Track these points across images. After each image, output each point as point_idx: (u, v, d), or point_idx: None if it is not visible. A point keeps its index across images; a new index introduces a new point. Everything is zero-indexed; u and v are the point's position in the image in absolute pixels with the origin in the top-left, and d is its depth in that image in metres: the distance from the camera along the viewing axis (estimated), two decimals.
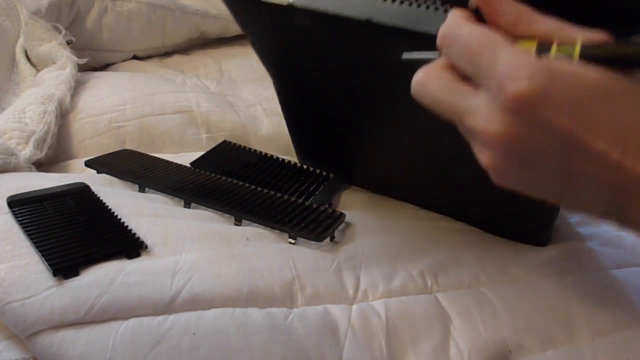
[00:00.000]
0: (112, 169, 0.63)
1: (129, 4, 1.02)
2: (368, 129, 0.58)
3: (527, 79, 0.30)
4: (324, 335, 0.44)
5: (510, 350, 0.46)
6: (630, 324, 0.50)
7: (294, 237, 0.52)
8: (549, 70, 0.30)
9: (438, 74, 0.36)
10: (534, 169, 0.33)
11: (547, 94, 0.30)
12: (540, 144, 0.31)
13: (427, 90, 0.36)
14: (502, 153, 0.33)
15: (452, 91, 0.35)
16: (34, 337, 0.39)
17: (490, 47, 0.32)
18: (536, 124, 0.31)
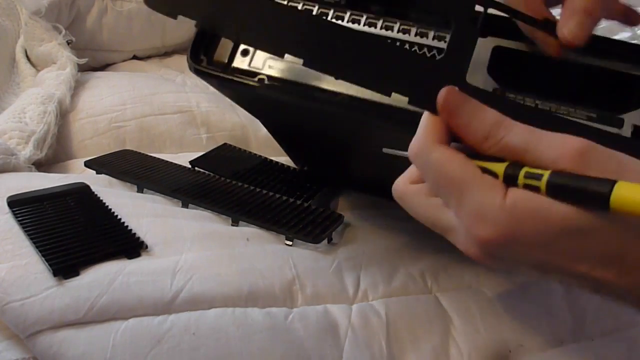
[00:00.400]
0: (111, 169, 0.63)
1: (129, 4, 1.02)
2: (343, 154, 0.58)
3: (492, 226, 0.31)
4: (324, 335, 0.44)
5: (510, 350, 0.46)
6: (632, 323, 0.50)
7: (290, 239, 0.52)
8: (512, 215, 0.30)
9: (415, 190, 0.36)
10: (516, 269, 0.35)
11: (514, 238, 0.31)
12: (519, 265, 0.33)
13: (407, 204, 0.37)
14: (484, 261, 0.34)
15: (430, 208, 0.35)
16: (34, 337, 0.39)
17: (455, 186, 0.33)
18: (509, 258, 0.32)
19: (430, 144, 0.34)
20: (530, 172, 0.31)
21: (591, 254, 0.30)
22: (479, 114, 0.33)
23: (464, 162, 0.33)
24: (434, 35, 0.43)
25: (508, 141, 0.32)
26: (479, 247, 0.32)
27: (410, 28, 0.43)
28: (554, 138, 0.31)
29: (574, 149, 0.30)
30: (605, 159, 0.30)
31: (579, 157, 0.30)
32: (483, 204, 0.31)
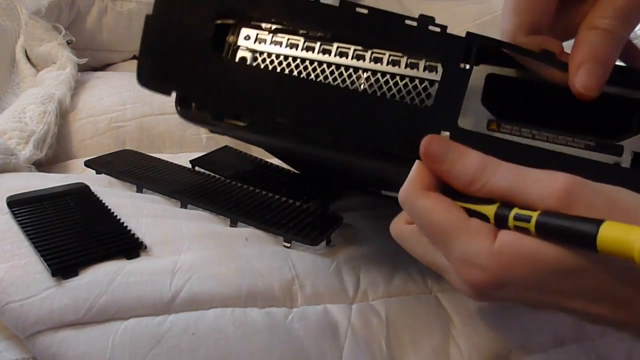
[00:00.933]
0: (111, 169, 0.63)
1: (129, 4, 1.02)
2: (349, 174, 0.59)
3: (481, 271, 0.31)
4: (323, 335, 0.44)
5: (510, 350, 0.46)
6: None
7: (288, 241, 0.51)
8: (501, 261, 0.31)
9: (410, 230, 0.38)
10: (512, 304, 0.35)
11: (504, 283, 0.31)
12: (516, 303, 0.34)
13: (404, 244, 0.39)
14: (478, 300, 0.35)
15: (424, 249, 0.37)
16: (34, 338, 0.39)
17: (442, 234, 0.33)
18: (502, 297, 0.33)
19: (417, 191, 0.35)
20: (519, 214, 0.31)
21: (583, 292, 0.31)
22: (462, 159, 0.34)
23: (449, 209, 0.34)
24: (425, 66, 0.41)
25: (493, 184, 0.33)
26: (470, 289, 0.33)
27: (400, 59, 0.42)
28: (540, 176, 0.31)
29: (560, 188, 0.30)
30: (592, 196, 0.30)
31: (565, 196, 0.30)
32: (470, 250, 0.32)
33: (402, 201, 0.36)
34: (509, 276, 0.31)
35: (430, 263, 0.37)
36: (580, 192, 0.30)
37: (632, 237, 0.26)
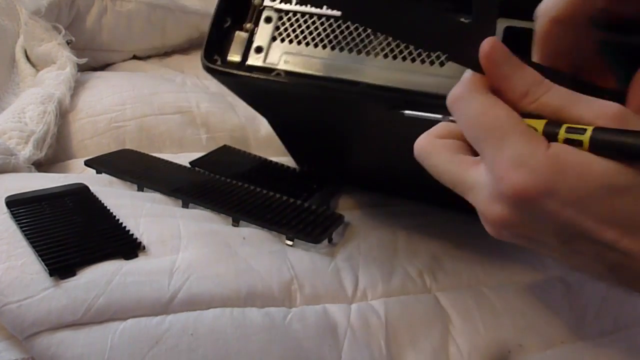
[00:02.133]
0: (111, 168, 0.63)
1: (129, 4, 1.02)
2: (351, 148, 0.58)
3: (531, 173, 0.29)
4: (323, 335, 0.44)
5: (509, 349, 0.46)
6: (631, 323, 0.50)
7: (291, 239, 0.52)
8: (553, 165, 0.29)
9: (442, 145, 0.35)
10: (534, 244, 0.33)
11: (550, 190, 0.29)
12: (543, 229, 0.31)
13: (430, 160, 0.35)
14: (503, 231, 0.33)
15: (455, 164, 0.34)
16: (32, 339, 0.39)
17: (497, 131, 0.31)
18: (538, 215, 0.30)
19: (474, 90, 0.33)
20: (572, 127, 0.30)
21: (624, 217, 0.29)
22: (520, 70, 0.33)
23: (509, 109, 0.32)
24: None
25: (547, 99, 0.32)
26: (506, 204, 0.31)
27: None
28: (592, 100, 0.30)
29: (612, 112, 0.29)
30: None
31: (617, 119, 0.29)
32: (524, 151, 0.30)
33: (457, 97, 0.34)
34: (557, 185, 0.29)
35: (456, 180, 0.34)
36: (631, 119, 0.29)
37: None
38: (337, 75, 0.44)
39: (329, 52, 0.45)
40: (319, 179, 0.66)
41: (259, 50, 0.46)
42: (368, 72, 0.43)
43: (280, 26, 0.46)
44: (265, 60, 0.46)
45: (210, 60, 0.47)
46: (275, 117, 0.60)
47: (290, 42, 0.46)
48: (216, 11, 0.48)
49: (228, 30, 0.47)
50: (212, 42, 0.47)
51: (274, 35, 0.46)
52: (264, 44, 0.46)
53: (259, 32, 0.47)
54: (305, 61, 0.45)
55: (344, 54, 0.44)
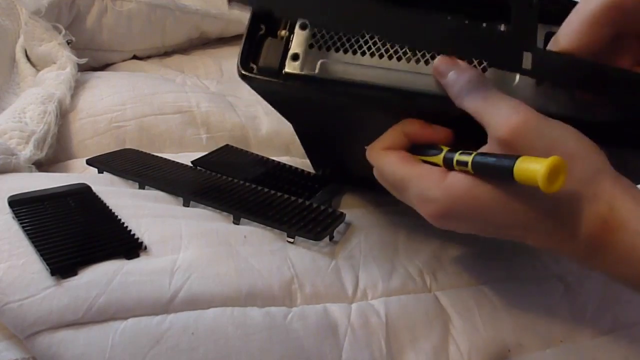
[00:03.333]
0: (113, 167, 0.63)
1: (129, 4, 1.02)
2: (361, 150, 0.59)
3: (435, 203, 0.39)
4: (323, 335, 0.44)
5: (509, 348, 0.46)
6: (630, 323, 0.50)
7: (292, 237, 0.52)
8: (448, 195, 0.38)
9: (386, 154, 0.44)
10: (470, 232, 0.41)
11: (455, 211, 0.38)
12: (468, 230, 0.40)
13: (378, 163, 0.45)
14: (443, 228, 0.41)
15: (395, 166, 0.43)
16: (33, 338, 0.39)
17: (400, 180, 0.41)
18: (458, 227, 0.40)
19: (378, 150, 0.44)
20: (459, 159, 0.38)
21: (516, 223, 0.37)
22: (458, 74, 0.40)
23: (404, 161, 0.42)
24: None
25: (469, 100, 0.39)
26: (432, 221, 0.40)
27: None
28: (504, 106, 0.37)
29: (512, 124, 0.36)
30: (537, 138, 0.36)
31: (513, 132, 0.36)
32: (423, 188, 0.39)
33: (368, 157, 0.45)
34: (458, 207, 0.38)
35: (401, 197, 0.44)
36: (526, 132, 0.36)
37: (538, 166, 0.32)
38: (377, 82, 0.44)
39: (368, 59, 0.44)
40: (320, 178, 0.66)
41: (296, 58, 0.45)
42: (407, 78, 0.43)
43: (317, 33, 0.45)
44: (303, 68, 0.45)
45: (246, 68, 0.46)
46: (304, 123, 0.59)
47: (327, 50, 0.45)
48: (250, 19, 0.46)
49: (262, 37, 0.46)
50: (248, 50, 0.46)
51: (310, 42, 0.45)
52: (300, 51, 0.45)
53: (295, 39, 0.46)
54: (344, 68, 0.44)
55: (384, 60, 0.44)
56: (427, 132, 0.43)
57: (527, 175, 0.33)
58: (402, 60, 0.44)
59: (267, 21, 0.47)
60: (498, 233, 0.39)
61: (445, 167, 0.40)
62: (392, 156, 0.43)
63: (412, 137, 0.43)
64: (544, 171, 0.31)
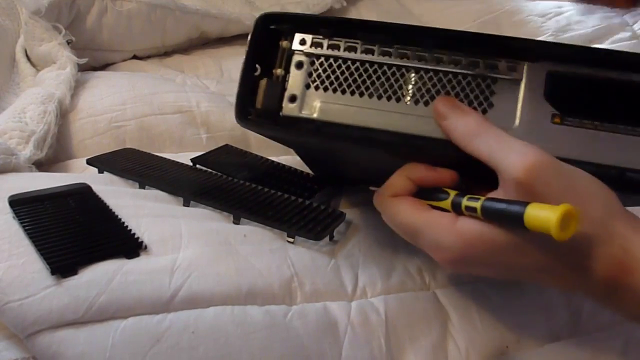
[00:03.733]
0: (113, 167, 0.63)
1: (129, 4, 1.02)
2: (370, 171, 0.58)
3: (448, 251, 0.38)
4: (323, 333, 0.44)
5: (507, 345, 0.47)
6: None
7: (292, 236, 0.52)
8: (464, 239, 0.37)
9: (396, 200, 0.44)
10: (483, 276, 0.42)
11: (468, 257, 0.38)
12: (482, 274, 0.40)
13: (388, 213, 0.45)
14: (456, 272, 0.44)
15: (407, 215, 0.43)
16: (33, 337, 0.39)
17: (412, 229, 0.41)
18: (473, 271, 0.40)
19: (386, 197, 0.43)
20: (467, 205, 0.38)
21: (528, 266, 0.37)
22: (461, 117, 0.40)
23: (414, 208, 0.41)
24: (486, 65, 0.43)
25: (479, 144, 0.38)
26: (445, 267, 0.40)
27: (461, 59, 0.43)
28: (516, 148, 0.36)
29: (527, 164, 0.35)
30: (553, 177, 0.35)
31: (529, 172, 0.35)
32: (436, 236, 0.39)
33: (376, 205, 0.45)
34: (471, 253, 0.37)
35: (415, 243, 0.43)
36: (542, 172, 0.35)
37: (550, 215, 0.31)
38: (377, 126, 0.43)
39: (367, 100, 0.44)
40: (319, 179, 0.66)
41: (293, 99, 0.45)
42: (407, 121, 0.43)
43: (313, 72, 0.45)
44: (301, 110, 0.45)
45: (244, 114, 0.46)
46: (304, 154, 0.59)
47: (325, 90, 0.44)
48: (245, 61, 0.46)
49: (258, 78, 0.46)
50: (244, 93, 0.46)
51: (307, 82, 0.45)
52: (297, 92, 0.45)
53: (291, 78, 0.45)
54: (343, 110, 0.44)
55: (382, 101, 0.44)
56: (431, 176, 0.42)
57: (538, 223, 0.32)
58: (401, 101, 0.43)
59: (262, 61, 0.46)
60: (514, 276, 0.39)
61: (454, 212, 0.39)
62: (400, 205, 0.42)
63: (417, 182, 0.43)
64: (557, 219, 0.31)
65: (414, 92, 0.43)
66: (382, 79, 0.44)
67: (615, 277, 0.36)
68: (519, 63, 0.42)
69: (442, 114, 0.41)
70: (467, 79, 0.43)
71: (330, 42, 0.45)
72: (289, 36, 0.46)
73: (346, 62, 0.44)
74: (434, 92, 0.43)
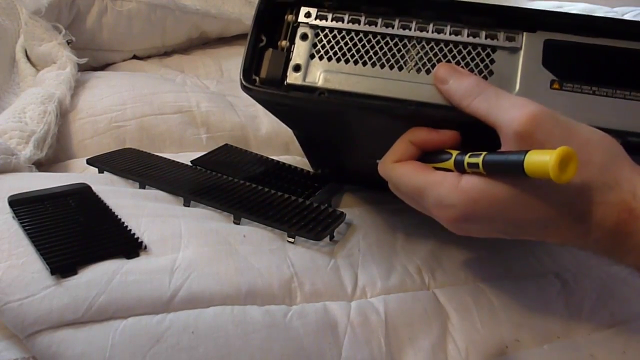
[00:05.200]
0: (113, 167, 0.63)
1: (129, 4, 1.02)
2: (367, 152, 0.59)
3: (453, 208, 0.38)
4: (323, 333, 0.44)
5: (507, 345, 0.47)
6: (627, 319, 0.50)
7: (292, 236, 0.52)
8: (464, 199, 0.38)
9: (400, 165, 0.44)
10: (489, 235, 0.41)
11: (473, 214, 0.38)
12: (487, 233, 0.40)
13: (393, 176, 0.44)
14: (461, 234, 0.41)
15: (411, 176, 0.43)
16: (33, 337, 0.39)
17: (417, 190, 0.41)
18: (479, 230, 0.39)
19: (390, 164, 0.43)
20: (469, 162, 0.38)
21: (532, 221, 0.37)
22: (460, 79, 0.41)
23: (417, 171, 0.41)
24: (486, 35, 0.44)
25: (477, 103, 0.39)
26: (450, 227, 0.40)
27: (462, 29, 0.44)
28: (514, 103, 0.37)
29: (527, 115, 0.35)
30: (553, 125, 0.35)
31: (529, 122, 0.35)
32: (440, 195, 0.39)
33: (381, 173, 0.45)
34: (475, 209, 0.37)
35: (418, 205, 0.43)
36: (542, 121, 0.35)
37: (548, 157, 0.31)
38: (379, 93, 0.44)
39: (370, 69, 0.45)
40: (320, 177, 0.66)
41: (298, 69, 0.46)
42: (408, 88, 0.44)
43: (318, 43, 0.46)
44: (305, 79, 0.46)
45: (248, 80, 0.46)
46: (305, 130, 0.60)
47: (329, 60, 0.45)
48: (251, 31, 0.47)
49: (263, 49, 0.47)
50: (250, 62, 0.46)
51: (311, 52, 0.46)
52: (302, 61, 0.46)
53: (295, 49, 0.46)
54: (346, 79, 0.45)
55: (385, 70, 0.44)
56: (434, 138, 0.42)
57: (537, 168, 0.32)
58: (403, 70, 0.44)
59: (267, 32, 0.47)
60: (519, 233, 0.39)
61: (458, 170, 0.40)
62: (404, 168, 0.42)
63: (420, 146, 0.43)
64: (555, 161, 0.31)
65: (416, 61, 0.44)
66: (384, 49, 0.45)
67: (624, 224, 0.35)
68: (517, 33, 0.43)
69: (442, 79, 0.42)
70: (467, 48, 0.44)
71: (335, 15, 0.46)
72: (294, 9, 0.47)
73: (350, 34, 0.46)
74: (435, 62, 0.44)
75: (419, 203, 0.42)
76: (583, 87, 0.42)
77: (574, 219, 0.36)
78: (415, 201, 0.42)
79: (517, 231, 0.39)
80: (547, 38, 0.43)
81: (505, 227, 0.38)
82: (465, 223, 0.39)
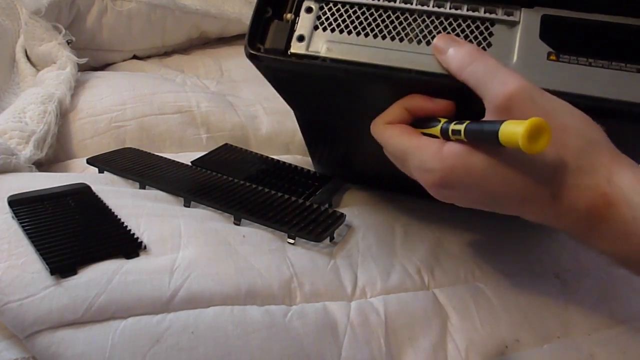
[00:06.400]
0: (113, 167, 0.63)
1: (129, 4, 1.02)
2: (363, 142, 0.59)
3: (432, 173, 0.40)
4: (323, 333, 0.44)
5: (506, 344, 0.47)
6: (626, 319, 0.50)
7: (292, 237, 0.52)
8: (448, 162, 0.39)
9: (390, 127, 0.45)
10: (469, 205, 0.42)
11: (451, 180, 0.39)
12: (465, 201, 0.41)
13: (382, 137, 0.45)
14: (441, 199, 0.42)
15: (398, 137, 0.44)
16: (33, 338, 0.39)
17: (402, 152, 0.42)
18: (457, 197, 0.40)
19: (381, 125, 0.45)
20: (454, 128, 0.39)
21: (508, 195, 0.38)
22: (457, 48, 0.42)
23: (404, 134, 0.43)
24: (485, 9, 0.45)
25: (471, 71, 0.40)
26: (430, 190, 0.41)
27: (462, 4, 0.45)
28: (501, 77, 0.38)
29: (507, 93, 0.37)
30: (530, 107, 0.36)
31: (507, 100, 0.37)
32: (422, 159, 0.40)
33: (372, 132, 0.46)
34: (454, 176, 0.39)
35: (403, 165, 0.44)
36: (520, 100, 0.36)
37: (519, 127, 0.32)
38: (380, 62, 0.45)
39: (372, 40, 0.46)
40: (320, 176, 0.66)
41: (301, 39, 0.47)
42: (409, 58, 0.45)
43: (322, 16, 0.47)
44: (308, 49, 0.47)
45: (254, 48, 0.48)
46: (307, 107, 0.60)
47: (332, 31, 0.47)
48: (257, 3, 0.48)
49: (269, 20, 0.48)
50: (255, 32, 0.48)
51: (315, 24, 0.47)
52: (306, 33, 0.47)
53: (300, 22, 0.48)
54: (349, 49, 0.46)
55: (386, 41, 0.46)
56: (428, 106, 0.44)
57: (510, 136, 0.33)
58: (404, 41, 0.45)
59: (274, 4, 0.48)
60: (497, 205, 0.40)
61: (443, 137, 0.41)
62: (393, 129, 0.44)
63: (413, 112, 0.44)
64: (524, 131, 0.32)
65: (417, 33, 0.45)
66: (386, 22, 0.46)
67: (598, 209, 0.36)
68: (516, 8, 0.44)
69: (440, 49, 0.43)
70: (467, 21, 0.45)
71: None
72: None
73: (353, 7, 0.47)
74: (436, 34, 0.45)
75: (404, 165, 0.43)
76: (579, 58, 0.43)
77: (550, 197, 0.37)
78: (401, 162, 0.44)
79: (494, 203, 0.40)
80: (544, 13, 0.44)
81: (483, 197, 0.39)
82: (445, 189, 0.40)
